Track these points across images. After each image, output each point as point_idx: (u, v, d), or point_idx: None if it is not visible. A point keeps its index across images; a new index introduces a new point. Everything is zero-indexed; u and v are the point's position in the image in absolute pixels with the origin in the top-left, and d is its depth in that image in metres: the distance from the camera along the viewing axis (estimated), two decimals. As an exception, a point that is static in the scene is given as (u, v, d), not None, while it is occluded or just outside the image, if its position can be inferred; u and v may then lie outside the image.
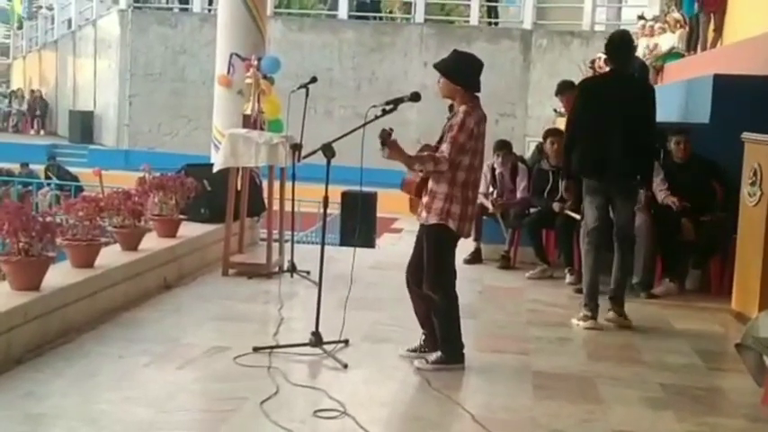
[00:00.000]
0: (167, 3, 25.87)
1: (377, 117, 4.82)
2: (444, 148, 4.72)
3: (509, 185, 8.44)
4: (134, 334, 5.36)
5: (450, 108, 4.89)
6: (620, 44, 6.22)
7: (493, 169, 8.40)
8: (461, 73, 4.84)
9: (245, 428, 3.95)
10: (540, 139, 8.70)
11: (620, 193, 6.11)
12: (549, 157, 8.07)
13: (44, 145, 24.23)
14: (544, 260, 7.86)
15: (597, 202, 6.09)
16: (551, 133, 8.26)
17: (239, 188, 7.52)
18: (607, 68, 6.89)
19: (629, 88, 6.19)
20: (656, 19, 14.43)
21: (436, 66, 4.90)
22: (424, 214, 4.84)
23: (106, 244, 6.08)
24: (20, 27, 34.67)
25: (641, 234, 6.93)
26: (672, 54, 12.79)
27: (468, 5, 23.48)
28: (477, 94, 4.85)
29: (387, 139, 4.70)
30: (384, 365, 4.97)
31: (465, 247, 7.25)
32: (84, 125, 25.98)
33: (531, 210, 8.16)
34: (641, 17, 14.61)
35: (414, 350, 5.08)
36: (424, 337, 5.08)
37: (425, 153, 4.84)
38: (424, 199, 4.85)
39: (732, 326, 6.21)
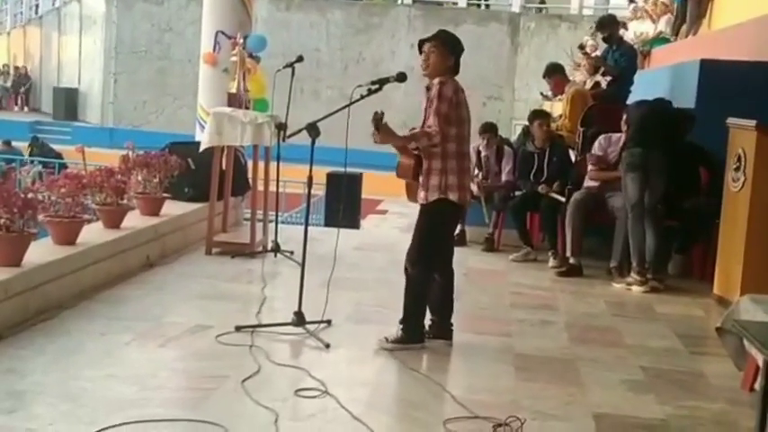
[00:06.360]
0: (153, -20, 25.64)
1: (362, 97, 4.80)
2: (431, 121, 4.69)
3: (494, 168, 8.43)
4: (116, 312, 5.34)
5: (428, 89, 4.85)
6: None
7: (478, 152, 8.39)
8: (457, 48, 4.84)
9: (226, 406, 3.94)
10: (527, 122, 8.68)
11: None
12: (536, 138, 8.05)
13: (28, 122, 24.07)
14: (528, 243, 7.87)
15: None
16: (538, 115, 8.24)
17: (224, 167, 7.49)
18: (596, 53, 6.98)
19: None
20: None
21: (434, 36, 4.83)
22: (422, 194, 4.80)
23: (88, 221, 6.05)
24: (4, 3, 34.32)
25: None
26: (659, 39, 12.80)
27: (458, -13, 23.46)
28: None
29: (379, 123, 4.64)
30: (366, 346, 4.96)
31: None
32: (69, 102, 25.82)
33: (516, 193, 8.17)
34: (632, 1, 14.58)
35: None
36: (431, 323, 5.04)
37: (416, 130, 4.81)
38: (421, 179, 4.81)
39: (714, 310, 6.25)
